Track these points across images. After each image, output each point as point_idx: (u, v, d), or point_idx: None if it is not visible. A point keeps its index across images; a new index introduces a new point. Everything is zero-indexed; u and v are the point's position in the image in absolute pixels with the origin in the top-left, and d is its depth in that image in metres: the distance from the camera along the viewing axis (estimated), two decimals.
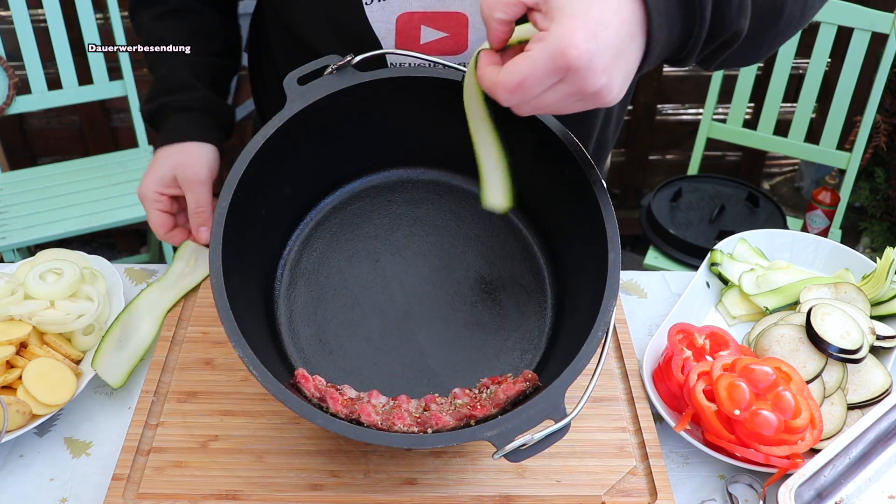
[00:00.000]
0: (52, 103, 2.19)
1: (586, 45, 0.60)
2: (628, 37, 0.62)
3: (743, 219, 2.24)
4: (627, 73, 0.64)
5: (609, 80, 0.62)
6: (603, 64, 0.61)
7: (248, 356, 0.70)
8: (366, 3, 0.87)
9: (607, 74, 0.62)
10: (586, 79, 0.61)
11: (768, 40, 0.74)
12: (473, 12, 0.88)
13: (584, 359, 0.72)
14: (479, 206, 0.93)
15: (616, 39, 0.61)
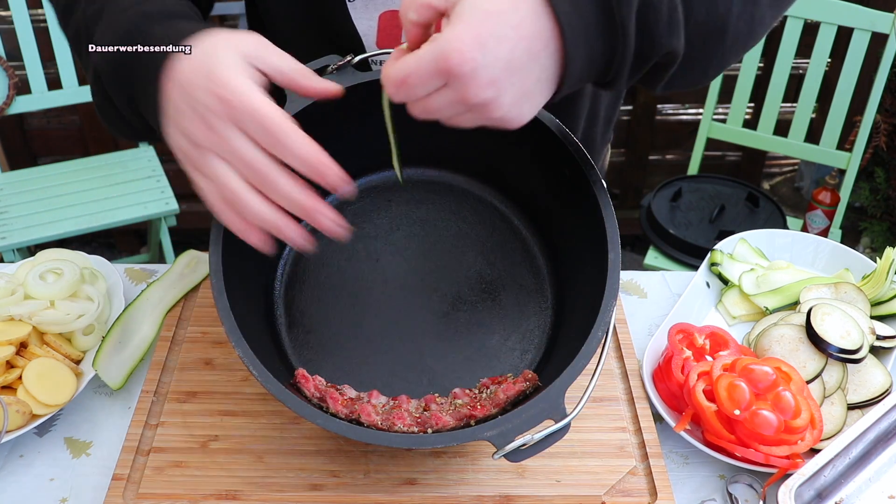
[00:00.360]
0: (52, 103, 2.19)
1: (471, 53, 0.58)
2: (528, 55, 0.60)
3: (743, 219, 2.24)
4: (526, 92, 0.62)
5: (497, 95, 0.60)
6: (489, 77, 0.59)
7: (248, 356, 0.70)
8: (349, 0, 0.86)
9: (494, 88, 0.60)
10: (468, 88, 0.59)
11: (715, 61, 0.70)
12: None
13: (584, 359, 0.72)
14: (479, 206, 0.94)
15: (510, 55, 0.59)
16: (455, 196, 0.94)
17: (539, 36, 0.60)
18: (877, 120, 2.36)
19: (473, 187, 0.95)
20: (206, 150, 0.65)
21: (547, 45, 0.60)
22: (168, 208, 2.14)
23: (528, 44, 0.60)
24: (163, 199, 2.16)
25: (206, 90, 0.64)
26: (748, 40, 0.70)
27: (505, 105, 0.61)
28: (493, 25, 0.59)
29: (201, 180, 0.67)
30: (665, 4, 0.62)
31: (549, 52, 0.61)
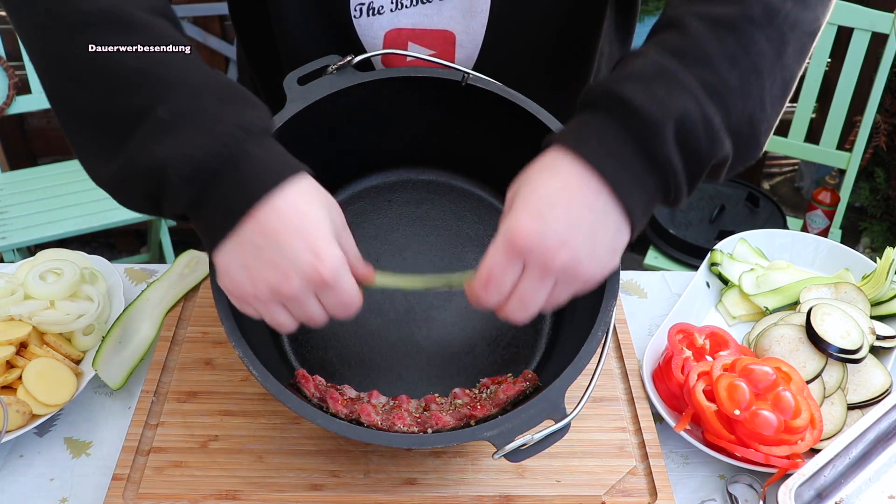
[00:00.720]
0: None
1: (532, 225, 0.63)
2: (586, 209, 0.63)
3: (743, 219, 2.24)
4: (600, 242, 0.65)
5: (572, 254, 0.64)
6: (557, 240, 0.63)
7: (248, 356, 0.70)
8: (354, 16, 0.87)
9: (567, 248, 0.63)
10: (544, 257, 0.64)
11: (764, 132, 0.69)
12: (461, 31, 0.88)
13: (584, 359, 0.72)
14: (479, 206, 0.94)
15: (568, 215, 0.63)
16: (455, 196, 0.94)
17: (588, 189, 0.64)
18: (877, 120, 2.36)
19: (473, 187, 0.95)
20: (273, 301, 0.66)
21: (599, 196, 0.64)
22: None
23: (580, 200, 0.64)
24: None
25: (300, 253, 0.64)
26: (785, 97, 0.71)
27: (584, 260, 0.64)
28: (543, 197, 0.64)
29: (248, 310, 0.68)
30: (700, 123, 0.63)
31: (604, 201, 0.64)
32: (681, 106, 0.63)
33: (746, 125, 0.66)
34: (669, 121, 0.62)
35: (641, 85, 0.64)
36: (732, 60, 0.65)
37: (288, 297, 0.65)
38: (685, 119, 0.62)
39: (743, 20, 0.66)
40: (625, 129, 0.63)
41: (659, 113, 0.62)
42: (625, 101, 0.63)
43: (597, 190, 0.64)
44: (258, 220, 0.64)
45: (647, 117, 0.62)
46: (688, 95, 0.63)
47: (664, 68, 0.64)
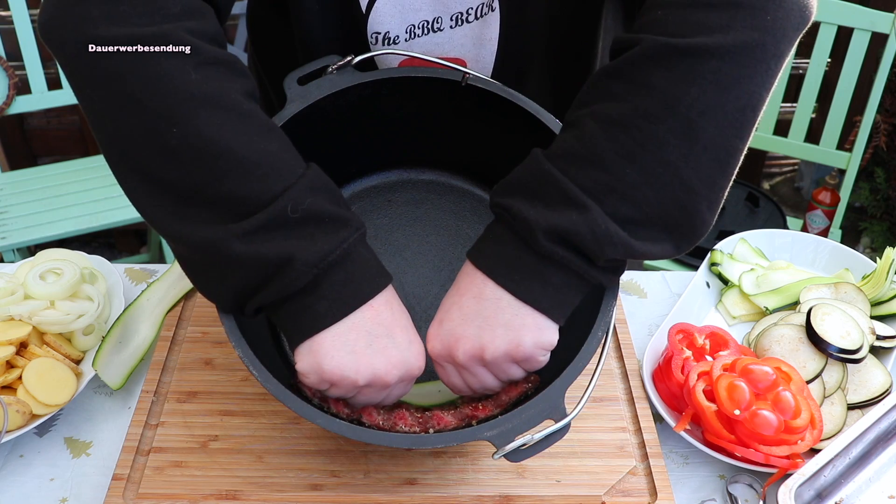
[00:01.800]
0: (52, 103, 2.19)
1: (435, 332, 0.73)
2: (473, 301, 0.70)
3: (743, 219, 2.23)
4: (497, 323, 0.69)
5: (471, 342, 0.70)
6: (452, 338, 0.71)
7: (248, 356, 0.70)
8: (371, 44, 0.89)
9: (465, 340, 0.70)
10: (450, 355, 0.72)
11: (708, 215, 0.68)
12: (471, 58, 0.91)
13: (584, 359, 0.72)
14: (479, 206, 0.94)
15: (462, 311, 0.71)
16: (455, 196, 0.94)
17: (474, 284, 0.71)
18: (877, 120, 2.36)
19: (473, 187, 0.94)
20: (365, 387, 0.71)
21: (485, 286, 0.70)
22: None
23: (469, 296, 0.71)
24: None
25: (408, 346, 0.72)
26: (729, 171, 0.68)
27: (486, 343, 0.70)
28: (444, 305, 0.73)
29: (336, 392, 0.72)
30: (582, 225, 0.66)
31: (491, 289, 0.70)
32: (556, 213, 0.66)
33: (675, 209, 0.67)
34: (541, 226, 0.66)
35: (525, 195, 0.69)
36: (630, 157, 0.65)
37: (382, 385, 0.71)
38: (560, 225, 0.66)
39: (637, 116, 0.66)
40: (512, 233, 0.69)
41: (533, 219, 0.67)
42: (509, 211, 0.69)
43: (482, 281, 0.70)
44: (374, 310, 0.70)
45: (523, 222, 0.67)
46: (568, 202, 0.66)
47: (548, 176, 0.68)
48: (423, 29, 0.88)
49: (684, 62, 0.65)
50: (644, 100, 0.66)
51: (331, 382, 0.70)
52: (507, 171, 0.92)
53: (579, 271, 0.68)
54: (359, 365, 0.68)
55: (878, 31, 2.02)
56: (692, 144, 0.66)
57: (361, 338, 0.68)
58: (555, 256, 0.67)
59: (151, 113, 0.65)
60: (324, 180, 0.70)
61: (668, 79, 0.65)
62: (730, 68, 0.65)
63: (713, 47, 0.65)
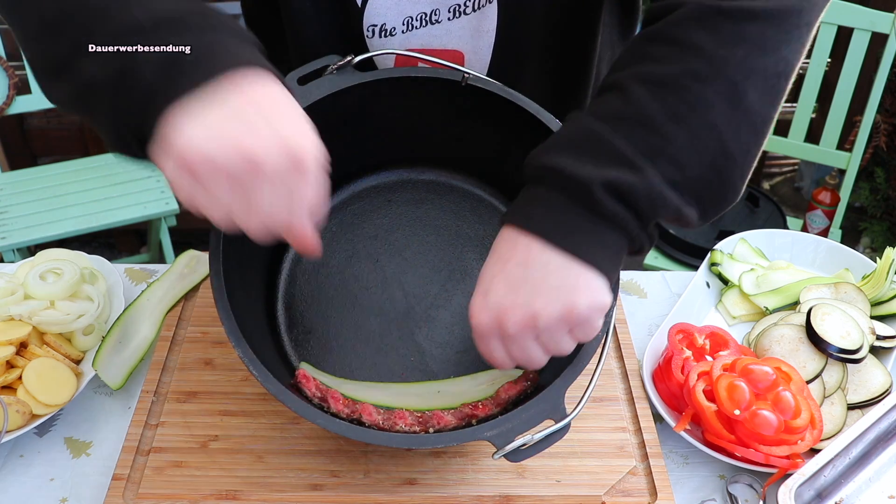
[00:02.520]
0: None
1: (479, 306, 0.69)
2: (520, 267, 0.67)
3: (743, 219, 2.24)
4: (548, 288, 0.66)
5: (523, 311, 0.66)
6: (501, 308, 0.67)
7: (248, 356, 0.70)
8: (367, 37, 0.89)
9: (515, 309, 0.66)
10: (500, 327, 0.68)
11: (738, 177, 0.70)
12: (469, 50, 0.90)
13: (584, 359, 0.72)
14: (479, 206, 0.94)
15: (507, 280, 0.67)
16: (455, 196, 0.94)
17: (517, 249, 0.67)
18: (877, 120, 2.36)
19: (473, 187, 0.95)
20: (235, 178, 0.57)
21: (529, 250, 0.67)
22: (168, 208, 2.14)
23: (514, 262, 0.67)
24: (163, 199, 2.16)
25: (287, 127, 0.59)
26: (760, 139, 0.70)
27: (539, 310, 0.66)
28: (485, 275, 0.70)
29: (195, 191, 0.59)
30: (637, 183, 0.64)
31: (537, 252, 0.66)
32: (609, 171, 0.65)
33: (712, 175, 0.67)
34: (597, 182, 0.64)
35: (573, 154, 0.66)
36: (677, 119, 0.65)
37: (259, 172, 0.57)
38: (617, 181, 0.64)
39: (686, 77, 0.66)
40: (560, 193, 0.66)
41: (588, 175, 0.64)
42: (556, 171, 0.66)
43: (526, 246, 0.67)
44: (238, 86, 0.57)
45: (578, 180, 0.65)
46: (619, 159, 0.65)
47: (596, 134, 0.66)
48: (420, 21, 0.88)
49: (729, 24, 0.66)
50: (692, 61, 0.66)
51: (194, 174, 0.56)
52: (507, 170, 0.92)
53: (632, 233, 0.67)
54: (223, 145, 0.55)
55: (878, 31, 2.02)
56: (735, 108, 0.66)
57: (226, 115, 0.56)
58: (611, 214, 0.65)
59: None
60: None
61: (715, 40, 0.66)
62: (773, 32, 0.67)
63: (758, 9, 0.66)
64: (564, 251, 0.66)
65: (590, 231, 0.66)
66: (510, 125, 0.84)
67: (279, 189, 0.58)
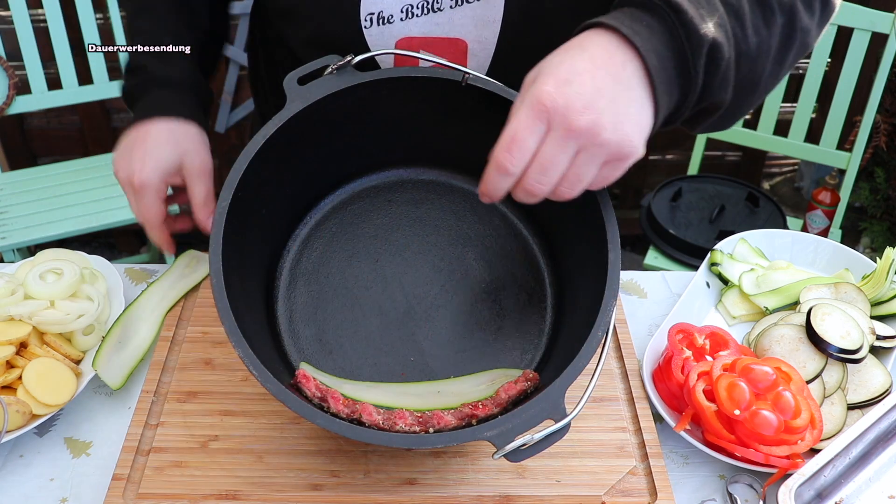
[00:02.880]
0: (52, 103, 2.19)
1: (559, 89, 0.65)
2: (611, 79, 0.65)
3: (743, 219, 2.24)
4: (623, 113, 0.65)
5: (596, 118, 0.64)
6: (582, 103, 0.64)
7: (248, 356, 0.70)
8: (365, 26, 0.88)
9: (590, 112, 0.64)
10: (567, 118, 0.64)
11: (744, 110, 0.77)
12: (473, 39, 0.89)
13: (584, 359, 0.72)
14: (479, 206, 0.94)
15: (594, 82, 0.65)
16: (455, 196, 0.94)
17: (615, 60, 0.66)
18: (877, 120, 2.36)
19: (473, 187, 0.94)
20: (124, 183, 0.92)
21: (625, 66, 0.66)
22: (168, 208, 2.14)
23: (607, 70, 0.65)
24: None
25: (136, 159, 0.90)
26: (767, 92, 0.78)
27: (607, 125, 0.65)
28: (569, 66, 0.66)
29: None
30: (724, 61, 0.69)
31: (630, 73, 0.66)
32: (719, 32, 0.68)
33: (745, 84, 0.73)
34: (708, 40, 0.67)
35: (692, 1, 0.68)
36: (756, 29, 0.72)
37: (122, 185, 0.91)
38: (719, 45, 0.68)
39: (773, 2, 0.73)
40: (669, 31, 0.67)
41: (704, 30, 0.67)
42: (677, 8, 0.67)
43: (624, 61, 0.66)
44: (136, 129, 0.92)
45: (693, 30, 0.66)
46: (723, 28, 0.69)
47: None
48: (421, 9, 0.87)
49: None
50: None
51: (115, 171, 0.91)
52: None
53: (689, 100, 0.69)
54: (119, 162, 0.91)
55: (878, 31, 2.02)
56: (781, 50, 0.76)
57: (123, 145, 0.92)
58: (695, 75, 0.68)
59: None
60: None
61: None
62: None
63: None
64: (651, 88, 0.67)
65: (671, 76, 0.67)
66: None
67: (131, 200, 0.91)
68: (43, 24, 2.12)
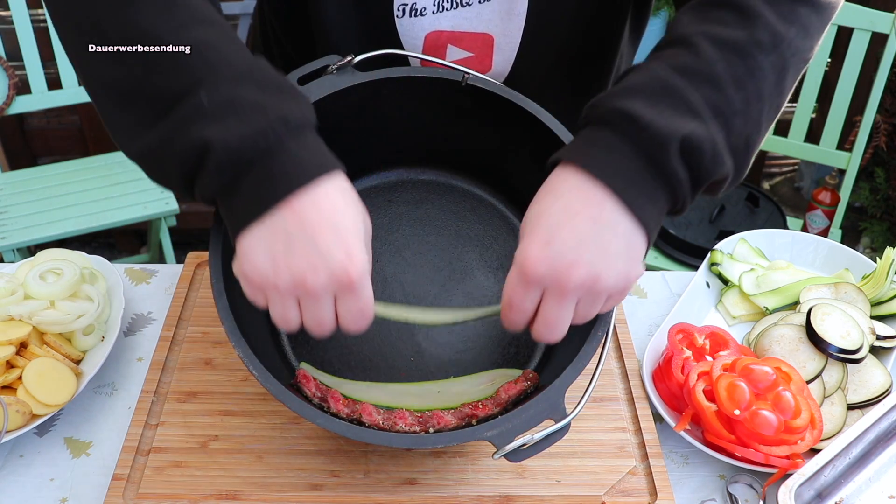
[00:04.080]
0: (52, 103, 2.19)
1: (540, 254, 0.64)
2: (590, 222, 0.64)
3: (743, 219, 2.24)
4: (614, 253, 0.64)
5: (587, 270, 0.63)
6: (566, 262, 0.63)
7: (248, 356, 0.70)
8: (397, 16, 0.88)
9: (580, 266, 0.63)
10: (558, 280, 0.64)
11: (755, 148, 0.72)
12: (499, 33, 0.89)
13: (584, 359, 0.72)
14: (479, 206, 0.94)
15: (575, 234, 0.64)
16: (455, 196, 0.94)
17: (591, 202, 0.64)
18: (877, 120, 2.36)
19: (473, 187, 0.95)
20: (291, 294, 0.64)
21: (603, 207, 0.64)
22: (168, 208, 2.14)
23: (585, 215, 0.64)
24: (163, 199, 2.16)
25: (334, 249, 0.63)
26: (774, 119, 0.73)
27: (600, 273, 0.64)
28: (546, 220, 0.65)
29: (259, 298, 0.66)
30: (706, 142, 0.64)
31: (610, 210, 0.64)
32: (687, 124, 0.64)
33: (744, 145, 0.68)
34: (676, 137, 0.63)
35: (649, 101, 0.64)
36: (739, 83, 0.66)
37: (309, 291, 0.63)
38: (691, 137, 0.63)
39: (751, 45, 0.67)
40: (632, 144, 0.64)
41: (666, 129, 0.63)
42: (633, 118, 0.64)
43: (600, 201, 0.64)
44: (294, 210, 0.62)
45: (654, 133, 0.63)
46: (694, 114, 0.64)
47: (672, 86, 0.65)
48: (451, 3, 0.87)
49: (787, 2, 0.70)
50: (756, 30, 0.68)
51: (258, 288, 0.65)
52: (506, 170, 0.92)
53: (682, 195, 0.66)
54: (276, 268, 0.63)
55: (878, 31, 2.02)
56: (778, 84, 0.69)
57: (280, 239, 0.63)
58: (672, 173, 0.64)
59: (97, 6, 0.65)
60: (259, 68, 0.66)
61: (776, 14, 0.69)
62: (816, 19, 0.71)
63: None
64: (633, 215, 0.64)
65: (650, 191, 0.64)
66: (510, 125, 0.84)
67: (326, 303, 0.65)
68: (43, 24, 2.12)
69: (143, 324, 1.01)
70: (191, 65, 0.63)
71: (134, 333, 1.00)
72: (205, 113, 0.62)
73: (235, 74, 0.64)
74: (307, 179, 0.63)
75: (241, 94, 0.63)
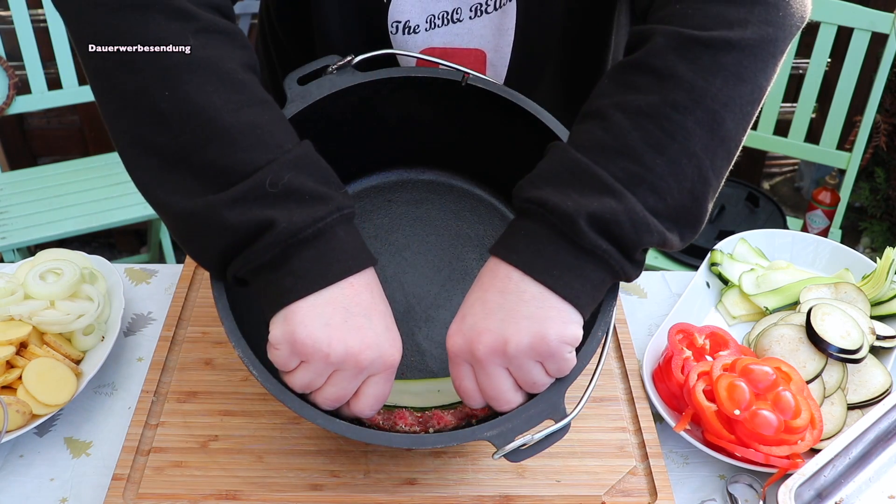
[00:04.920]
0: (52, 103, 2.19)
1: (457, 330, 0.70)
2: (497, 294, 0.68)
3: (743, 219, 2.24)
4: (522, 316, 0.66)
5: (494, 335, 0.67)
6: (474, 332, 0.68)
7: (248, 356, 0.70)
8: (391, 33, 0.89)
9: (487, 333, 0.67)
10: (471, 350, 0.68)
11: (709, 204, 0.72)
12: (491, 49, 0.91)
13: (584, 359, 0.72)
14: (479, 206, 0.94)
15: (484, 307, 0.68)
16: (455, 196, 0.94)
17: (498, 278, 0.68)
18: (877, 120, 2.36)
19: (473, 187, 0.95)
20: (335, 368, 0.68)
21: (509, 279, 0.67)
22: None
23: (494, 289, 0.68)
24: None
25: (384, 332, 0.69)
26: (731, 161, 0.72)
27: (510, 336, 0.67)
28: (465, 303, 0.71)
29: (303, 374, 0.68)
30: (621, 214, 0.65)
31: (517, 281, 0.67)
32: (594, 201, 0.65)
33: (689, 201, 0.69)
34: (581, 215, 0.65)
35: (557, 186, 0.67)
36: (658, 148, 0.66)
37: (354, 366, 0.67)
38: (597, 212, 0.65)
39: (666, 107, 0.67)
40: (548, 228, 0.67)
41: (572, 209, 0.65)
42: (541, 203, 0.67)
43: (506, 274, 0.68)
44: (354, 287, 0.68)
45: (562, 214, 0.65)
46: (603, 189, 0.66)
47: (580, 166, 0.67)
48: (442, 19, 0.88)
49: (708, 54, 0.67)
50: (671, 91, 0.67)
51: (302, 355, 0.66)
52: (507, 170, 0.92)
53: (616, 266, 0.67)
54: (332, 338, 0.66)
55: (878, 31, 2.02)
56: (713, 136, 0.68)
57: (338, 312, 0.66)
58: (596, 249, 0.66)
59: (145, 74, 0.66)
60: (312, 157, 0.69)
61: (694, 70, 0.67)
62: (749, 61, 0.68)
63: (735, 40, 0.67)
64: (541, 283, 0.66)
65: (570, 265, 0.66)
66: (510, 125, 0.84)
67: (359, 381, 0.69)
68: (43, 24, 2.12)
69: (143, 324, 1.01)
70: (248, 145, 0.67)
71: (134, 333, 1.00)
72: (266, 194, 0.65)
73: (291, 161, 0.67)
74: (360, 266, 0.68)
75: (301, 181, 0.67)
